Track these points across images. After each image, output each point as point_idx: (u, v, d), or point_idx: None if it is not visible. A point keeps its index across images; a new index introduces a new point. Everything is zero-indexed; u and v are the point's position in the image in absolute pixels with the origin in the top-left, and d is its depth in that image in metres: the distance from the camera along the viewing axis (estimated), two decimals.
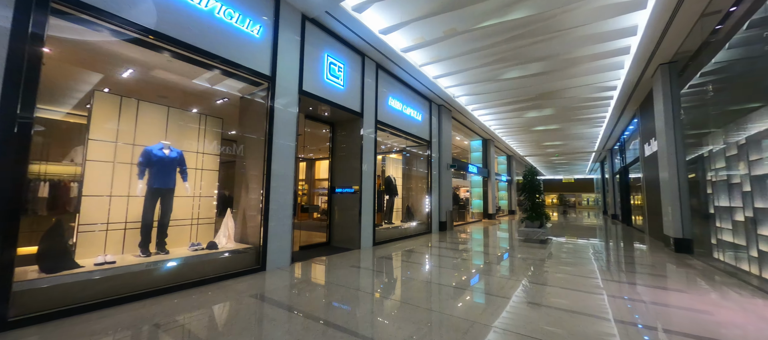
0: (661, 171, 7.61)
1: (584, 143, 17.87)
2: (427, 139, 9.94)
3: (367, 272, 4.72)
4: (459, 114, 11.63)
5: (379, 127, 7.66)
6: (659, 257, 6.24)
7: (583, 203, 43.24)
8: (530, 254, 6.35)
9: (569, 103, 10.54)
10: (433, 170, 10.12)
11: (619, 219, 16.73)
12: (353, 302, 3.41)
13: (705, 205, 6.28)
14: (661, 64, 7.15)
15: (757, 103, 4.69)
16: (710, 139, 5.94)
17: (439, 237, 8.84)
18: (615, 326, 2.80)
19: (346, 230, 6.83)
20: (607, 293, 3.78)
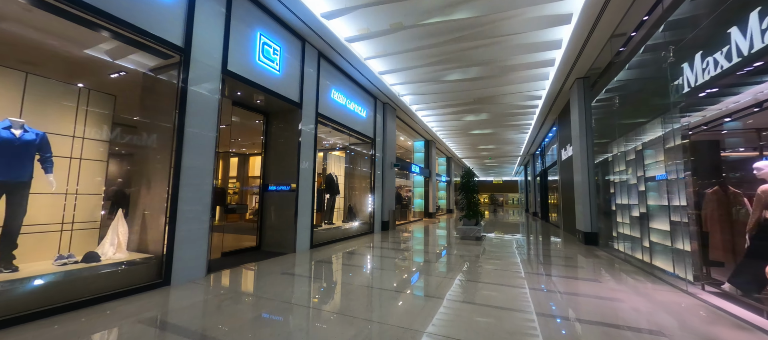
0: (575, 173, 8.59)
1: (512, 148, 19.70)
2: (371, 137, 9.69)
3: (299, 280, 4.21)
4: (403, 114, 11.67)
5: (321, 121, 7.12)
6: (572, 250, 6.97)
7: (509, 202, 48.16)
8: (467, 251, 6.53)
9: (502, 109, 11.36)
10: (376, 169, 9.91)
11: (539, 216, 18.87)
12: (278, 318, 2.90)
13: (608, 203, 7.25)
14: (578, 78, 8.07)
15: (643, 118, 5.50)
16: (613, 146, 6.85)
17: (381, 237, 8.65)
18: (537, 321, 2.85)
19: (279, 232, 6.14)
20: (530, 286, 3.95)
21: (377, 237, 8.63)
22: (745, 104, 3.79)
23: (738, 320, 2.95)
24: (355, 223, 9.26)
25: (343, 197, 9.77)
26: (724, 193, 4.07)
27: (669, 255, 4.67)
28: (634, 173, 5.81)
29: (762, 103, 3.59)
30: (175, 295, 3.46)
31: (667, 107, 4.57)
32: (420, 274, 4.71)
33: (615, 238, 6.74)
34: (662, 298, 3.60)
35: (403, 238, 8.71)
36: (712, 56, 3.48)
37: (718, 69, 3.42)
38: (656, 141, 5.00)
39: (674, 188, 4.51)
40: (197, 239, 4.05)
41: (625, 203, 6.27)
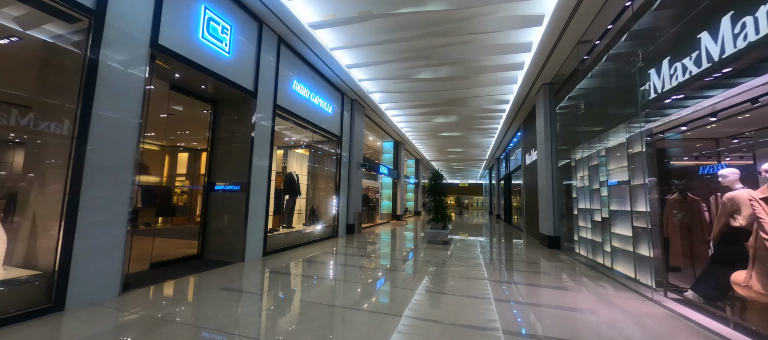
0: (539, 177, 8.72)
1: (479, 151, 20.13)
2: (337, 135, 9.11)
3: (242, 297, 3.56)
4: (373, 112, 11.23)
5: (280, 115, 6.43)
6: (536, 254, 6.98)
7: (474, 204, 49.80)
8: (433, 256, 6.24)
9: (471, 112, 11.37)
10: (342, 169, 9.35)
11: (502, 219, 19.46)
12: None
13: (570, 207, 7.38)
14: (544, 84, 8.19)
15: (606, 124, 5.59)
16: (576, 152, 6.97)
17: (345, 242, 8.11)
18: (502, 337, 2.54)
19: (226, 237, 5.37)
20: (496, 298, 3.69)
21: (341, 242, 8.07)
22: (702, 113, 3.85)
23: (707, 332, 2.87)
24: (318, 226, 8.62)
25: (305, 199, 9.07)
26: (683, 199, 4.12)
27: (631, 260, 4.69)
28: (596, 178, 5.88)
29: (717, 113, 3.63)
30: (67, 325, 2.67)
31: (631, 114, 4.60)
32: (383, 285, 4.27)
33: (577, 242, 6.84)
34: (629, 307, 3.50)
35: (369, 242, 8.24)
36: (681, 62, 3.46)
37: (686, 75, 3.39)
38: (619, 147, 5.05)
39: (637, 193, 4.54)
40: (108, 250, 3.25)
41: (586, 208, 6.36)
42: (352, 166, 9.91)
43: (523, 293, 3.96)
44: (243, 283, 4.09)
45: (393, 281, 4.53)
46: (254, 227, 5.46)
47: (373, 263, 5.68)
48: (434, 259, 6.08)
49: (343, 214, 9.40)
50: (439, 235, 7.87)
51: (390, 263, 5.84)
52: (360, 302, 3.43)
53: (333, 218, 8.99)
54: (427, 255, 6.50)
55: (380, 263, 5.79)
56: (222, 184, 5.51)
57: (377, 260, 5.99)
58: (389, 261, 5.99)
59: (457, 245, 7.94)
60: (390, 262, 5.91)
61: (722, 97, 3.25)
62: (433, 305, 3.41)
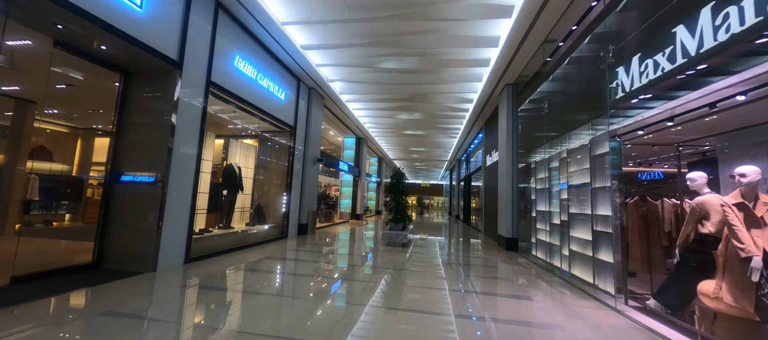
0: (499, 179, 8.64)
1: (441, 152, 20.21)
2: (290, 125, 8.19)
3: (127, 327, 2.65)
4: (333, 104, 10.42)
5: (216, 94, 5.43)
6: (494, 257, 6.78)
7: (434, 205, 50.86)
8: (390, 261, 5.70)
9: (435, 110, 11.09)
10: (295, 163, 8.44)
11: (461, 219, 19.75)
12: None
13: (529, 209, 7.33)
14: (508, 84, 8.08)
15: (568, 126, 5.51)
16: (537, 153, 6.90)
17: (295, 244, 7.26)
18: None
19: (133, 241, 4.28)
20: (456, 313, 3.24)
21: (290, 244, 7.20)
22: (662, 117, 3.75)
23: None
24: (265, 226, 7.65)
25: (250, 195, 8.02)
26: (643, 203, 4.02)
27: (589, 265, 4.56)
28: (556, 181, 5.78)
29: (674, 117, 3.52)
30: None
31: (597, 114, 4.46)
32: (328, 299, 3.60)
33: (534, 244, 6.77)
34: (593, 318, 3.23)
35: (321, 245, 7.48)
36: (653, 58, 3.26)
37: (658, 72, 3.20)
38: (581, 149, 4.92)
39: (599, 196, 4.41)
40: None
41: (545, 210, 6.28)
42: (308, 160, 9.04)
43: (484, 305, 3.55)
44: (140, 302, 3.14)
45: (341, 293, 3.87)
46: (173, 228, 4.43)
47: (321, 270, 4.97)
48: (391, 264, 5.53)
49: (295, 213, 8.50)
50: (398, 237, 7.37)
51: (341, 269, 5.16)
52: (295, 326, 2.73)
53: (282, 217, 8.06)
54: (383, 259, 5.94)
55: (329, 269, 5.09)
56: (131, 174, 4.40)
57: (326, 267, 5.28)
58: (340, 267, 5.31)
59: (417, 247, 7.52)
60: (341, 268, 5.24)
61: (683, 100, 3.10)
62: (384, 328, 2.82)
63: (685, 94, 3.03)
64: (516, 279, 4.95)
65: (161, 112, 4.47)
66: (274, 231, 7.82)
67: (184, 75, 4.57)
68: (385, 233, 7.49)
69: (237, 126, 8.00)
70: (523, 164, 7.56)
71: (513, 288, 4.38)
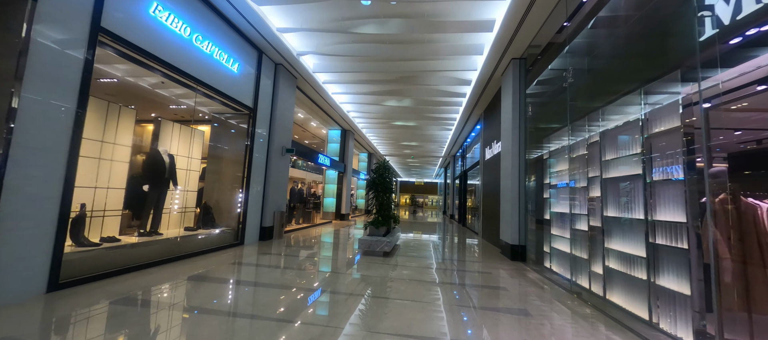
0: (502, 174, 7.24)
1: (435, 147, 18.81)
2: (248, 107, 6.66)
3: None
4: (309, 87, 8.91)
5: (113, 46, 3.89)
6: (499, 270, 5.37)
7: (428, 203, 49.56)
8: (366, 280, 4.25)
9: (427, 95, 9.64)
10: (255, 152, 6.92)
11: (456, 219, 18.40)
12: None
13: (541, 210, 5.94)
14: (514, 59, 6.67)
15: (593, 103, 4.12)
16: (553, 140, 5.51)
17: (250, 252, 5.76)
18: None
19: None
20: None
21: (243, 253, 5.70)
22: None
23: None
24: (215, 230, 6.14)
25: (196, 192, 6.49)
26: (734, 204, 2.63)
27: (639, 292, 3.17)
28: (583, 173, 4.38)
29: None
30: None
31: (655, 74, 3.06)
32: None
33: (548, 254, 5.38)
34: None
35: (284, 254, 5.99)
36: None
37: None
38: (627, 127, 3.52)
39: (662, 193, 3.01)
40: None
41: (564, 212, 4.89)
42: (274, 151, 7.52)
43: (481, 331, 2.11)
44: None
45: (300, 332, 2.41)
46: (21, 238, 2.91)
47: (268, 297, 3.48)
48: (365, 286, 4.08)
49: (255, 214, 6.98)
50: (378, 244, 5.91)
51: (296, 295, 3.68)
52: None
53: (237, 218, 6.53)
54: (356, 278, 4.49)
55: (279, 297, 3.60)
56: None
57: (277, 290, 3.80)
58: (297, 291, 3.83)
59: (404, 256, 6.08)
60: (297, 292, 3.76)
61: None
62: None
63: None
64: (529, 305, 3.53)
65: None
66: (226, 237, 6.30)
67: (41, 7, 3.02)
68: (362, 240, 6.02)
69: (181, 106, 6.44)
70: (535, 155, 6.17)
71: (535, 326, 2.96)
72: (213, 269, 4.51)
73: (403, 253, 6.57)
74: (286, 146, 8.00)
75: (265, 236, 7.21)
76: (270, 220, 7.40)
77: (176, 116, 7.02)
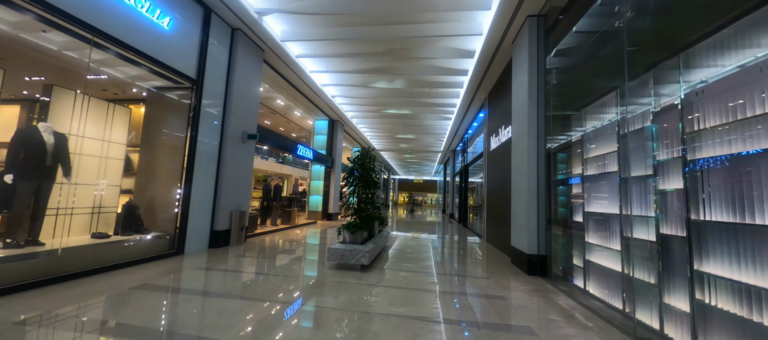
0: (513, 165, 5.79)
1: (433, 140, 17.36)
2: (189, 77, 5.20)
3: None
4: (281, 63, 7.45)
5: None
6: (516, 293, 3.94)
7: (427, 202, 48.14)
8: (329, 309, 2.82)
9: (422, 73, 8.16)
10: (202, 136, 5.47)
11: (456, 219, 16.97)
12: None
13: (569, 211, 4.50)
14: (530, 16, 5.21)
15: (640, 67, 2.68)
16: (588, 119, 4.06)
17: (181, 266, 4.32)
18: None
19: None
20: None
21: (166, 270, 4.26)
22: None
23: None
24: (148, 236, 4.70)
25: (119, 187, 5.05)
26: None
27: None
28: (644, 156, 2.93)
29: None
30: None
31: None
32: None
33: (582, 269, 3.95)
34: None
35: (227, 270, 4.55)
36: None
37: None
38: (752, 74, 2.07)
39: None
40: None
41: (609, 214, 3.45)
42: (230, 136, 6.07)
43: None
44: None
45: None
46: None
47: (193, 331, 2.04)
48: (328, 322, 2.64)
49: (202, 215, 5.54)
50: (353, 254, 4.46)
51: (226, 330, 2.25)
52: None
53: (175, 222, 5.08)
54: (329, 298, 3.06)
55: (217, 321, 2.16)
56: None
57: (210, 319, 2.36)
58: (241, 320, 2.40)
59: (389, 269, 4.65)
60: (241, 323, 2.32)
61: None
62: None
63: None
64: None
65: None
66: (158, 245, 4.85)
67: None
68: (333, 249, 4.56)
69: (100, 76, 4.98)
70: (559, 142, 4.73)
71: None
72: (88, 303, 3.07)
73: (391, 264, 5.13)
74: (248, 132, 6.53)
75: (217, 242, 5.76)
76: (225, 222, 5.96)
77: (106, 93, 5.58)
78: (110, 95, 5.76)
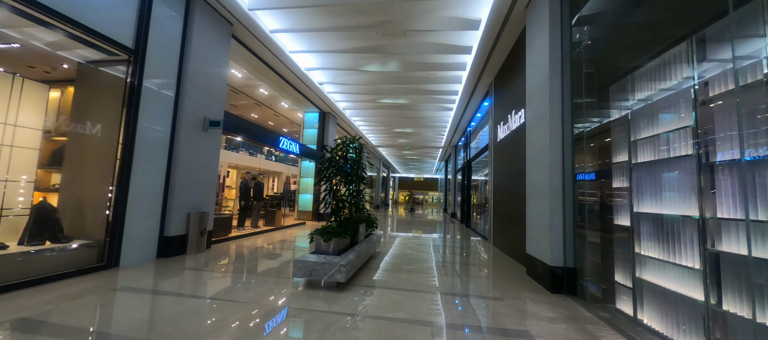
0: (529, 155, 4.74)
1: (433, 134, 16.29)
2: (124, 46, 4.16)
3: None
4: (255, 40, 6.42)
5: None
6: (537, 321, 2.90)
7: (429, 200, 47.06)
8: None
9: (418, 52, 7.09)
10: (144, 120, 4.43)
11: (458, 218, 15.93)
12: None
13: (607, 212, 3.45)
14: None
15: None
16: (644, 78, 3.00)
17: (109, 284, 3.31)
18: None
19: None
20: None
21: (86, 286, 3.25)
22: None
23: None
24: (73, 245, 3.68)
25: (33, 183, 4.03)
26: None
27: None
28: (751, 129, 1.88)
29: None
30: None
31: None
32: None
33: (632, 292, 2.89)
34: None
35: (161, 290, 3.53)
36: None
37: None
38: None
39: None
40: None
41: (678, 215, 2.41)
42: (186, 122, 5.04)
43: None
44: None
45: None
46: None
47: None
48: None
49: (148, 218, 4.51)
50: (327, 268, 3.42)
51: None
52: None
53: (106, 226, 4.05)
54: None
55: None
56: None
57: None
58: None
59: (376, 287, 3.63)
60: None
61: None
62: None
63: None
64: None
65: None
66: (82, 256, 3.83)
67: None
68: (300, 262, 3.52)
69: (11, 45, 3.95)
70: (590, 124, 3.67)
71: None
72: None
73: (379, 278, 4.10)
74: (211, 118, 5.50)
75: (169, 250, 4.74)
76: (181, 226, 4.93)
77: (34, 72, 4.57)
78: (39, 75, 4.74)
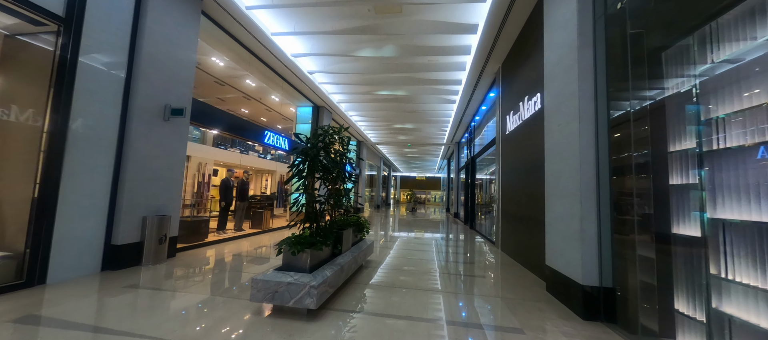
0: (549, 144, 3.90)
1: (435, 130, 15.45)
2: (51, 13, 3.38)
3: None
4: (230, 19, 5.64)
5: None
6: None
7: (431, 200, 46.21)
8: None
9: (417, 30, 6.26)
10: (82, 103, 3.65)
11: (461, 219, 15.10)
12: None
13: (662, 216, 2.62)
14: None
15: None
16: (711, 43, 2.17)
17: (19, 308, 2.54)
18: None
19: None
20: None
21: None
22: None
23: None
24: None
25: None
26: None
27: None
28: None
29: None
30: None
31: None
32: None
33: (705, 328, 2.06)
34: None
35: (82, 322, 2.75)
36: None
37: None
38: None
39: None
40: None
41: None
42: (138, 108, 4.26)
43: None
44: None
45: None
46: None
47: None
48: None
49: (87, 223, 3.74)
50: (294, 290, 2.63)
51: None
52: None
53: (27, 236, 3.28)
54: None
55: None
56: None
57: None
58: None
59: (361, 310, 2.84)
60: None
61: None
62: None
63: None
64: None
65: None
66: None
67: None
68: (259, 281, 2.73)
69: None
70: (636, 103, 2.84)
71: None
72: None
73: (366, 299, 3.30)
74: (173, 105, 4.71)
75: (120, 261, 3.96)
76: (134, 233, 4.16)
77: None
78: None
